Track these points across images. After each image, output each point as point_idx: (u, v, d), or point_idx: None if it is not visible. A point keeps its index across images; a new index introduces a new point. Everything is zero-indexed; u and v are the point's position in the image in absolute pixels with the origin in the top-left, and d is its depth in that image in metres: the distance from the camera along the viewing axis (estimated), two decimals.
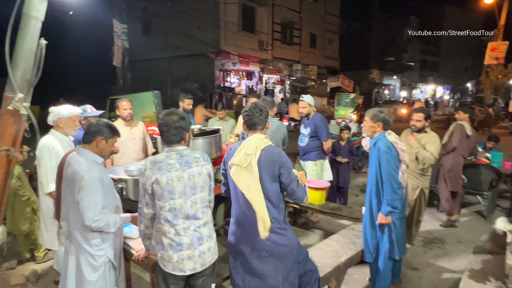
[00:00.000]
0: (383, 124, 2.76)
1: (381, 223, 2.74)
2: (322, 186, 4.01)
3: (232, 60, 17.29)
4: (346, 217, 3.69)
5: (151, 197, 1.91)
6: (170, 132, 1.92)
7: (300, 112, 4.43)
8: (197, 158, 1.99)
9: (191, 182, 1.93)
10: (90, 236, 2.03)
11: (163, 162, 1.90)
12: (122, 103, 3.85)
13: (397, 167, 2.67)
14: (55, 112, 2.80)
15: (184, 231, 1.90)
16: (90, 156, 2.05)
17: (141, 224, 1.99)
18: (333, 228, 4.42)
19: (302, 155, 4.51)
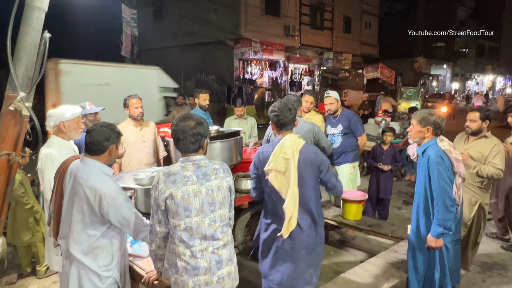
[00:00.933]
0: (433, 128, 2.66)
1: (431, 247, 2.64)
2: (359, 199, 3.93)
3: (253, 48, 17.32)
4: (388, 236, 3.59)
5: (165, 213, 1.92)
6: (187, 140, 1.91)
7: (328, 110, 4.39)
8: (216, 170, 1.98)
9: (210, 197, 1.92)
10: (100, 255, 2.07)
11: (178, 174, 1.89)
12: (132, 101, 3.90)
13: (451, 180, 2.57)
14: (55, 115, 2.80)
15: (201, 254, 1.90)
16: (99, 168, 2.08)
17: (152, 243, 2.00)
18: (371, 248, 4.31)
19: (336, 158, 4.44)
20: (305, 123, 3.45)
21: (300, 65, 21.66)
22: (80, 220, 2.05)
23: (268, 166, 2.35)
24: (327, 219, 4.09)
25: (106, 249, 2.09)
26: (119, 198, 2.03)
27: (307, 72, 21.97)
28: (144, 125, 4.05)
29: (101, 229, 2.06)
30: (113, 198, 2.00)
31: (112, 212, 2.01)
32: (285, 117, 2.42)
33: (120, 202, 2.02)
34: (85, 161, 2.09)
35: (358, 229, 3.88)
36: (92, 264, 2.05)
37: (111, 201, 1.99)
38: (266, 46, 17.86)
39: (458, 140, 3.75)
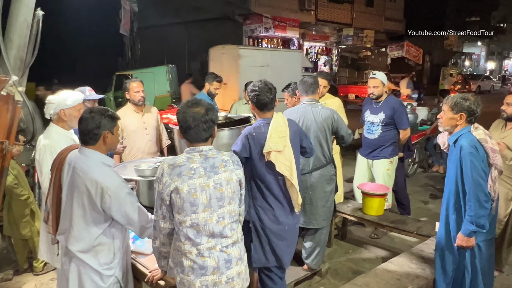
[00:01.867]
0: (467, 115, 2.61)
1: (461, 246, 2.62)
2: (381, 192, 3.92)
3: (264, 25, 17.13)
4: (413, 234, 3.58)
5: (169, 209, 1.92)
6: (199, 127, 1.91)
7: (371, 93, 4.33)
8: (225, 161, 1.98)
9: (218, 192, 1.93)
10: (101, 252, 2.10)
11: (184, 166, 1.89)
12: (132, 85, 3.91)
13: (485, 173, 2.52)
14: (56, 102, 2.80)
15: (208, 252, 1.92)
16: (99, 158, 2.10)
17: (156, 240, 2.02)
18: (394, 246, 4.31)
19: (371, 151, 4.40)
20: (323, 109, 3.40)
21: (316, 43, 21.37)
22: (81, 215, 2.07)
23: (267, 148, 2.52)
24: (345, 214, 4.10)
25: (107, 247, 2.12)
26: (122, 191, 2.05)
27: (324, 51, 21.68)
28: (146, 111, 4.06)
29: (102, 226, 2.09)
30: (115, 191, 2.02)
31: (115, 206, 2.03)
32: (265, 96, 2.61)
33: (122, 196, 2.04)
34: (84, 152, 2.11)
35: (379, 225, 3.87)
36: (93, 262, 2.09)
37: (113, 195, 2.01)
38: (279, 22, 17.65)
39: (495, 128, 3.67)
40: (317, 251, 3.50)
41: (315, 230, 3.45)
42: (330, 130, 3.36)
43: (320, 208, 3.37)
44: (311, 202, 3.35)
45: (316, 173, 3.34)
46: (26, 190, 3.60)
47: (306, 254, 3.54)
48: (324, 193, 3.37)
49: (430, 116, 7.98)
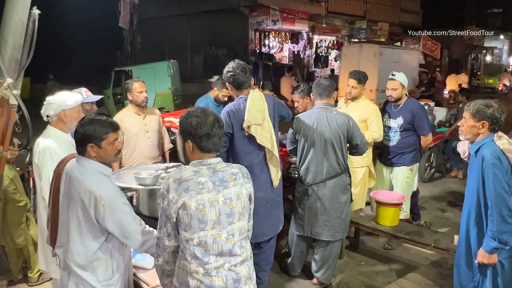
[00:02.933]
0: (490, 123, 2.58)
1: (482, 263, 2.60)
2: (396, 201, 3.90)
3: (271, 17, 17.12)
4: (430, 247, 3.56)
5: (175, 226, 1.92)
6: (214, 137, 1.93)
7: (389, 96, 4.30)
8: (235, 174, 1.98)
9: (228, 207, 1.92)
10: (99, 268, 2.11)
11: (191, 180, 1.88)
12: (135, 85, 3.93)
13: (509, 186, 2.50)
14: (57, 103, 2.82)
15: (216, 271, 1.90)
16: (95, 167, 2.10)
17: (159, 257, 2.01)
18: (409, 258, 4.28)
19: (390, 158, 4.38)
20: (339, 114, 3.38)
21: (327, 36, 21.31)
22: (76, 227, 2.08)
23: (246, 123, 2.83)
24: (358, 224, 4.08)
25: (105, 262, 2.12)
26: (117, 201, 2.05)
27: (335, 45, 21.61)
28: (148, 113, 4.07)
29: (99, 240, 2.10)
30: (109, 200, 2.02)
31: (109, 217, 2.03)
32: (241, 76, 2.94)
33: (117, 206, 2.04)
34: (80, 160, 2.13)
35: (394, 236, 3.85)
36: (91, 278, 2.10)
37: (107, 204, 2.01)
38: (287, 14, 17.61)
39: None
40: (328, 264, 3.49)
41: (327, 242, 3.44)
42: (345, 137, 3.35)
43: (334, 220, 3.36)
44: (324, 213, 3.35)
45: (330, 182, 3.33)
46: (23, 196, 3.64)
47: (317, 267, 3.53)
48: (338, 203, 3.36)
49: (449, 117, 7.93)
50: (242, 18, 17.64)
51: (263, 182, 2.99)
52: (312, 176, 3.36)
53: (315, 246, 3.55)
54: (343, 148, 3.37)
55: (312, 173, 3.36)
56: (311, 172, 3.37)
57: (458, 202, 5.98)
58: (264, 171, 3.00)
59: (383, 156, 4.46)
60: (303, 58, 20.11)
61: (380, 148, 4.49)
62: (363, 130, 4.10)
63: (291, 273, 3.82)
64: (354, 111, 4.15)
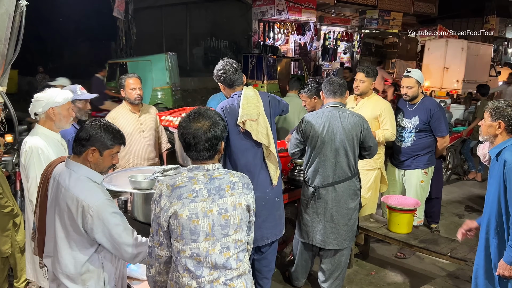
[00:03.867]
0: (506, 124, 2.56)
1: (503, 276, 2.57)
2: (409, 207, 3.87)
3: (276, 6, 17.08)
4: (446, 256, 3.53)
5: (167, 235, 1.91)
6: (200, 146, 1.89)
7: (404, 94, 4.28)
8: (233, 183, 1.95)
9: (222, 218, 1.90)
10: (89, 281, 2.09)
11: (185, 187, 1.87)
12: (128, 81, 3.91)
13: None
14: (45, 100, 2.81)
15: (210, 285, 1.89)
16: (85, 173, 2.09)
17: (151, 268, 2.01)
18: (423, 268, 4.27)
19: (404, 160, 4.36)
20: (352, 115, 3.35)
21: (336, 27, 21.24)
22: (64, 237, 2.07)
23: (241, 118, 2.90)
24: (369, 231, 4.06)
25: (96, 275, 2.11)
26: (106, 211, 2.02)
27: (344, 36, 21.54)
28: (144, 111, 4.06)
29: (88, 251, 2.08)
30: (97, 210, 1.99)
31: (98, 228, 2.00)
32: (232, 73, 3.05)
33: (106, 216, 2.01)
34: (69, 165, 2.10)
35: (407, 245, 3.83)
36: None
37: (95, 214, 1.99)
38: (293, 3, 17.56)
39: None
40: (336, 275, 3.48)
41: (335, 251, 3.42)
42: (358, 139, 3.32)
43: (341, 227, 3.34)
44: (331, 219, 3.33)
45: (339, 186, 3.31)
46: (10, 201, 3.62)
47: (324, 277, 3.52)
48: (347, 209, 3.35)
49: (467, 115, 7.88)
50: (245, 8, 17.61)
51: (262, 181, 3.05)
52: (321, 179, 3.34)
53: (322, 255, 3.53)
54: (355, 150, 3.34)
55: (320, 175, 3.34)
56: (320, 175, 3.34)
57: (476, 207, 5.96)
58: (263, 170, 3.07)
59: (396, 158, 4.43)
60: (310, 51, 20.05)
61: (393, 149, 4.46)
62: (375, 129, 4.08)
63: (295, 283, 3.80)
64: (366, 108, 4.13)
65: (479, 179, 7.19)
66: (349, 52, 21.43)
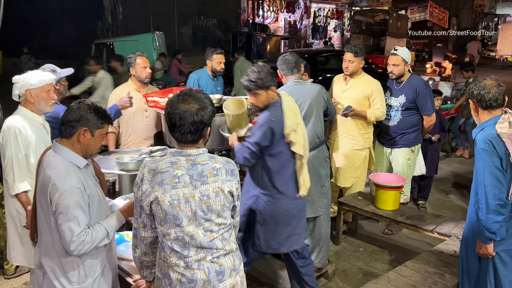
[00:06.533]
0: (475, 102, 2.62)
1: (479, 253, 2.65)
2: (396, 184, 3.93)
3: None
4: (431, 232, 3.61)
5: (150, 217, 1.93)
6: (184, 128, 1.86)
7: (390, 72, 4.29)
8: (216, 170, 1.94)
9: (204, 205, 1.90)
10: (71, 270, 2.09)
11: (166, 173, 1.87)
12: (138, 60, 3.94)
13: (503, 173, 2.49)
14: (20, 82, 2.80)
15: (198, 264, 1.93)
16: (69, 157, 2.07)
17: (136, 249, 2.03)
18: (410, 244, 4.36)
19: (390, 138, 4.41)
20: (313, 86, 3.50)
21: (326, 4, 21.05)
22: (44, 219, 2.07)
23: (287, 129, 2.77)
24: (356, 208, 4.13)
25: (76, 264, 2.09)
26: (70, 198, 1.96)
27: (334, 14, 21.37)
28: (149, 91, 4.06)
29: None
30: (63, 193, 1.95)
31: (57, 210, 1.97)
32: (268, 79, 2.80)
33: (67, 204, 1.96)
34: (56, 148, 2.10)
35: (394, 221, 3.90)
36: (63, 280, 2.08)
37: (61, 197, 1.96)
38: None
39: None
40: (320, 247, 3.55)
41: (314, 223, 3.51)
42: (322, 108, 3.49)
43: (315, 194, 3.42)
44: None
45: (309, 154, 3.35)
46: None
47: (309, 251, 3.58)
48: (318, 176, 3.44)
49: (455, 92, 7.94)
50: None
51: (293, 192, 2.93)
52: None
53: None
54: (321, 119, 3.48)
55: None
56: None
57: (463, 183, 6.07)
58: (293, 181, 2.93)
59: (383, 136, 4.48)
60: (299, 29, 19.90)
61: (380, 128, 4.50)
62: (365, 108, 4.11)
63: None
64: (357, 87, 4.15)
65: (467, 156, 7.29)
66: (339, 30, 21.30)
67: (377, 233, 4.61)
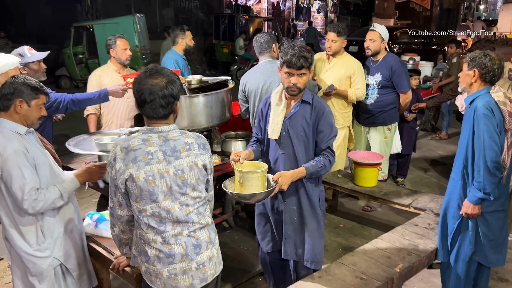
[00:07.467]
0: (480, 72, 2.67)
1: (467, 214, 2.77)
2: (374, 162, 4.02)
3: None
4: (407, 207, 3.72)
5: (125, 196, 1.96)
6: (155, 102, 1.88)
7: (366, 48, 4.33)
8: (189, 145, 1.98)
9: (179, 179, 1.94)
10: (28, 234, 2.21)
11: (139, 150, 1.89)
12: (120, 42, 3.99)
13: (499, 138, 2.62)
14: None
15: (174, 239, 1.97)
16: (9, 127, 2.17)
17: (114, 227, 2.08)
18: (389, 219, 4.49)
19: (368, 117, 4.48)
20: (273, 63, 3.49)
21: None
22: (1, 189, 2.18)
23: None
24: (336, 186, 4.22)
25: (31, 224, 2.22)
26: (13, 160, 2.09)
27: None
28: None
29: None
30: (6, 157, 2.09)
31: (3, 173, 2.10)
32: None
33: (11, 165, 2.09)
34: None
35: (372, 197, 4.00)
36: (22, 243, 2.22)
37: (4, 160, 2.09)
38: None
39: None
40: None
41: None
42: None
43: None
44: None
45: None
46: None
47: None
48: None
49: (435, 72, 8.02)
50: None
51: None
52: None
53: None
54: None
55: None
56: None
57: (442, 161, 6.22)
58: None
59: (360, 115, 4.56)
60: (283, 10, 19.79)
61: (357, 107, 4.57)
62: (347, 87, 4.17)
63: None
64: (339, 67, 4.19)
65: (445, 137, 7.42)
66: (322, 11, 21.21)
67: (356, 210, 4.73)
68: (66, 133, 5.71)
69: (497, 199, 2.73)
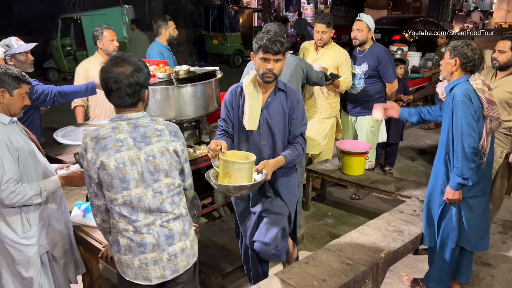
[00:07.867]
0: (461, 61, 2.73)
1: (449, 200, 2.84)
2: (361, 150, 4.08)
3: None
4: (394, 194, 3.79)
5: (99, 186, 1.95)
6: (121, 91, 1.87)
7: (353, 38, 4.36)
8: (159, 131, 1.97)
9: (151, 165, 1.93)
10: (13, 223, 2.24)
11: (109, 138, 1.88)
12: (107, 33, 3.98)
13: (477, 124, 2.69)
14: None
15: (147, 228, 1.96)
16: None
17: (95, 217, 2.09)
18: (376, 207, 4.56)
19: (355, 106, 4.53)
20: (291, 58, 3.56)
21: None
22: None
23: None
24: (324, 175, 4.27)
25: (17, 214, 2.25)
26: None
27: None
28: None
29: None
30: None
31: None
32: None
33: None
34: None
35: (359, 186, 4.07)
36: (8, 231, 2.24)
37: None
38: None
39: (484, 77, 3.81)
40: None
41: None
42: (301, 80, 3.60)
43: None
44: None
45: None
46: None
47: None
48: None
49: (423, 62, 8.09)
50: None
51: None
52: None
53: None
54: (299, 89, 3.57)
55: None
56: None
57: (429, 150, 6.30)
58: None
59: (348, 105, 4.60)
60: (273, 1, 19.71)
61: (344, 97, 4.61)
62: None
63: None
64: (327, 57, 4.22)
65: (433, 127, 7.50)
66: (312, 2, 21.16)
67: (345, 199, 4.79)
68: (54, 126, 5.69)
69: (477, 184, 2.80)
